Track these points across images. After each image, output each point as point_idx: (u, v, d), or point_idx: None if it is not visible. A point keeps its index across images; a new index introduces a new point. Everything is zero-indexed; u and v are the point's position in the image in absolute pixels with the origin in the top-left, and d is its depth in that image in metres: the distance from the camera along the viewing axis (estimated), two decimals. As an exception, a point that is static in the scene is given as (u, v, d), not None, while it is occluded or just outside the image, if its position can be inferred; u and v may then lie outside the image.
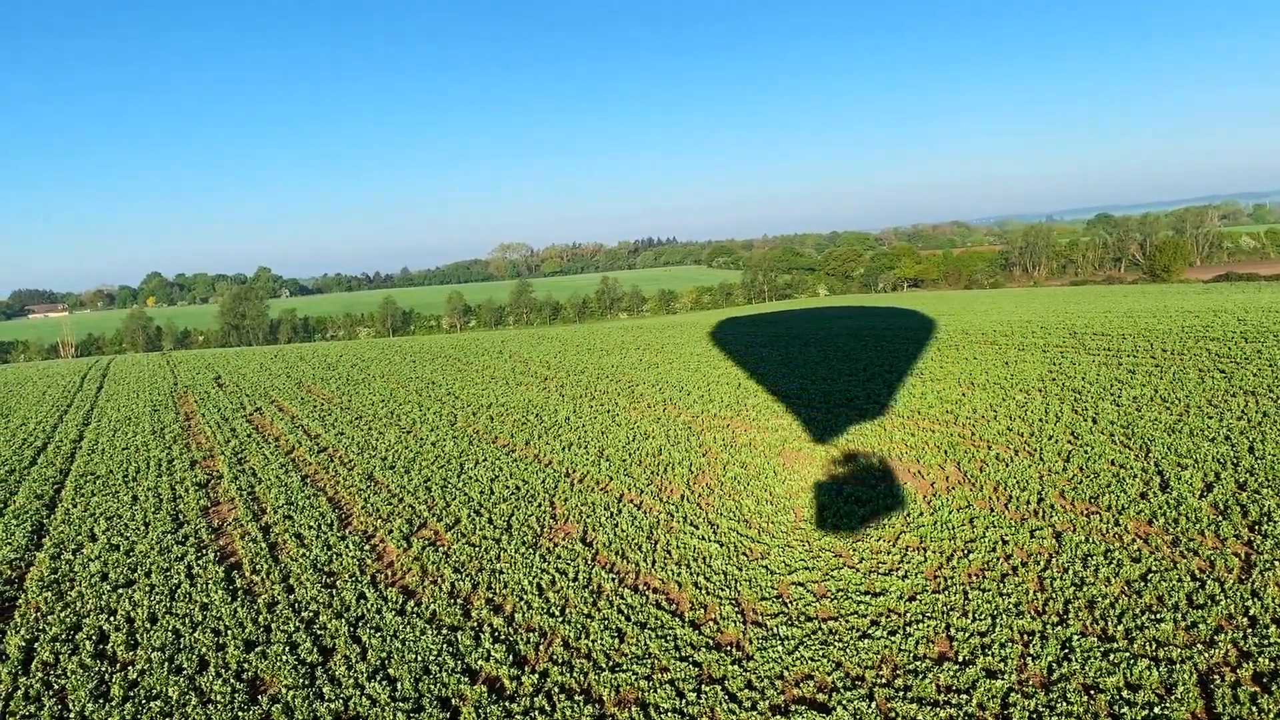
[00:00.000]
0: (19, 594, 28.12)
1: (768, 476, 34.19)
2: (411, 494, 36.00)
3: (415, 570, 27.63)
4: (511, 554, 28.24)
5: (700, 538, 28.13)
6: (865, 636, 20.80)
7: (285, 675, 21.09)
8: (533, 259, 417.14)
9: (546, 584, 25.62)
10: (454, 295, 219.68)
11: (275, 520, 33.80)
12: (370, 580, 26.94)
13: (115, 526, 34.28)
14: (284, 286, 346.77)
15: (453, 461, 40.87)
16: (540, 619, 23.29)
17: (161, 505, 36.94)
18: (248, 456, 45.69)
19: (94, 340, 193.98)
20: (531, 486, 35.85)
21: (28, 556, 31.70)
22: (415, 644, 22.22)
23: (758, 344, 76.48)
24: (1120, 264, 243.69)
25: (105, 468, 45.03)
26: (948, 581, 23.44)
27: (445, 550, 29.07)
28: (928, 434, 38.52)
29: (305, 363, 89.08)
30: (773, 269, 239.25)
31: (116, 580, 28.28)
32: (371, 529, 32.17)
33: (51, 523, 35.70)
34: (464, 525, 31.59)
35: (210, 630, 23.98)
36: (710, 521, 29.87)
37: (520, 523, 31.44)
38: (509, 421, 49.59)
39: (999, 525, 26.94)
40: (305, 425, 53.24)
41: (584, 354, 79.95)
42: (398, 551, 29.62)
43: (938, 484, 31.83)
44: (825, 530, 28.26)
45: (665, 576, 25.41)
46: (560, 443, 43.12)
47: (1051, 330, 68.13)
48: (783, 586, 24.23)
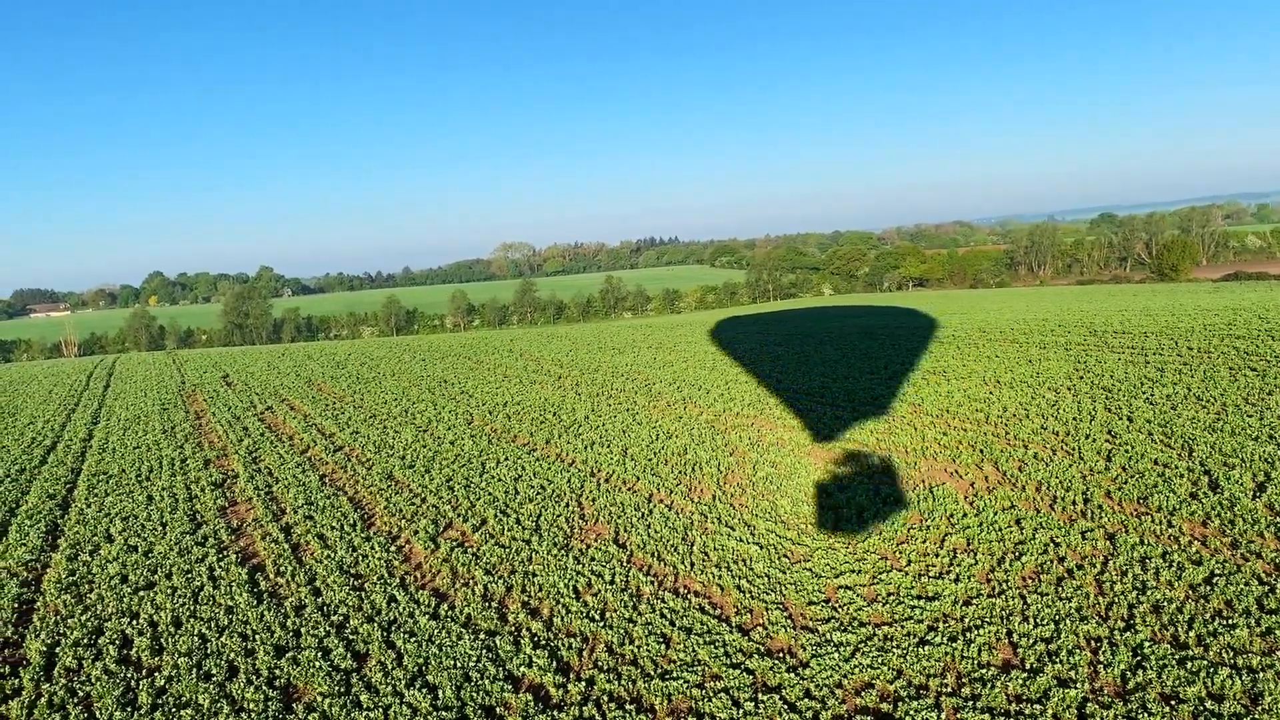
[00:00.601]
0: (37, 596, 27.30)
1: (800, 476, 33.37)
2: (434, 494, 35.18)
3: (445, 572, 26.82)
4: (544, 555, 27.42)
5: (738, 539, 27.31)
6: (924, 643, 19.98)
7: (319, 682, 20.28)
8: (535, 258, 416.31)
9: (583, 587, 24.81)
10: (458, 294, 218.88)
11: (296, 520, 32.98)
12: (399, 583, 26.12)
13: (131, 527, 33.46)
14: (286, 286, 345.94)
15: (473, 461, 40.04)
16: (580, 623, 22.47)
17: (178, 505, 36.12)
18: (262, 455, 44.86)
19: (97, 339, 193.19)
20: (557, 486, 35.03)
21: (43, 558, 30.88)
22: (452, 649, 21.39)
23: (772, 342, 75.66)
24: (1126, 263, 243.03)
25: (117, 467, 44.22)
26: (1002, 585, 22.62)
27: (475, 552, 28.25)
28: (960, 433, 37.69)
29: (314, 361, 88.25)
30: (777, 268, 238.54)
31: (137, 582, 27.46)
32: (396, 529, 31.35)
33: (66, 523, 34.88)
34: (491, 526, 30.77)
35: (237, 635, 23.16)
36: (746, 522, 29.05)
37: (549, 523, 30.62)
38: (527, 420, 48.77)
39: (1048, 526, 26.12)
40: (319, 424, 52.42)
41: (596, 352, 79.12)
42: (425, 553, 28.80)
43: (977, 484, 31.00)
44: (862, 531, 27.43)
45: (706, 579, 24.59)
46: (581, 441, 42.30)
47: (1070, 328, 67.31)
48: (829, 590, 23.41)
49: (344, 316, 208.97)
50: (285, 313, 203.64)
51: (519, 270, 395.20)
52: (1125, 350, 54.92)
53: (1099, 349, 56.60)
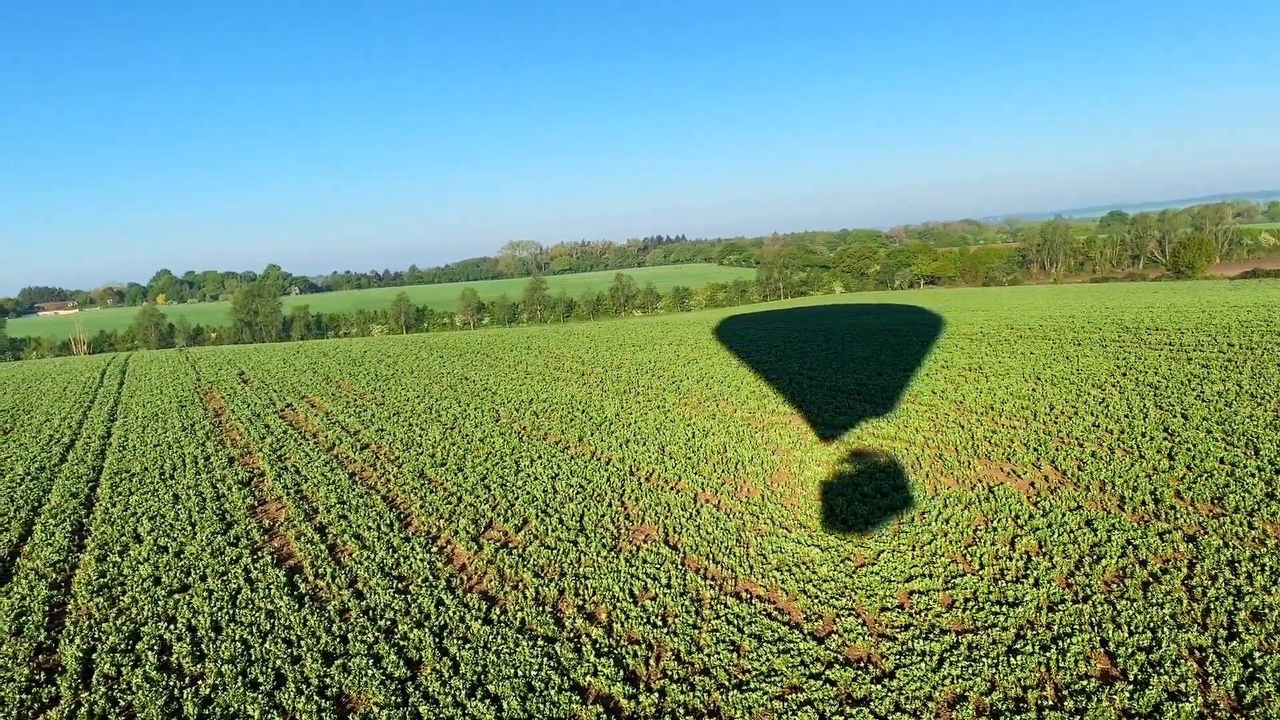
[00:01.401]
0: (67, 598, 26.32)
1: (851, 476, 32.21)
2: (469, 493, 34.15)
3: (492, 575, 25.76)
4: (593, 557, 26.36)
5: (795, 541, 26.21)
6: (1014, 652, 18.86)
7: (373, 691, 19.23)
8: (542, 256, 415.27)
9: (639, 590, 23.73)
10: (467, 292, 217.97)
11: (330, 520, 31.96)
12: (446, 585, 25.07)
13: (160, 527, 32.48)
14: (293, 284, 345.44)
15: (506, 459, 38.99)
16: (642, 629, 21.39)
17: (205, 504, 35.14)
18: (288, 453, 43.88)
19: (106, 337, 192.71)
20: (596, 485, 33.97)
21: (71, 558, 29.92)
22: (511, 657, 20.32)
23: (796, 339, 74.50)
24: (1139, 261, 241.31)
25: (139, 465, 43.28)
26: (1085, 590, 21.49)
27: (520, 553, 27.19)
28: (1010, 430, 36.53)
29: (329, 359, 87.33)
30: (788, 266, 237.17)
31: (170, 585, 26.45)
32: (435, 530, 30.31)
33: (92, 522, 33.93)
34: (534, 526, 29.72)
35: (281, 640, 22.12)
36: (800, 523, 27.95)
37: (594, 524, 29.56)
38: (555, 418, 47.71)
39: (1121, 528, 24.97)
40: (342, 421, 51.44)
41: (616, 350, 78.03)
42: (468, 554, 27.76)
43: (1038, 484, 29.85)
44: (926, 532, 26.31)
45: (769, 584, 23.49)
46: (615, 439, 41.23)
47: (1101, 325, 66.09)
48: (901, 595, 22.31)
49: (353, 314, 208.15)
50: (295, 311, 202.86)
51: (526, 269, 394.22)
52: (1163, 347, 53.68)
53: (1136, 346, 55.35)
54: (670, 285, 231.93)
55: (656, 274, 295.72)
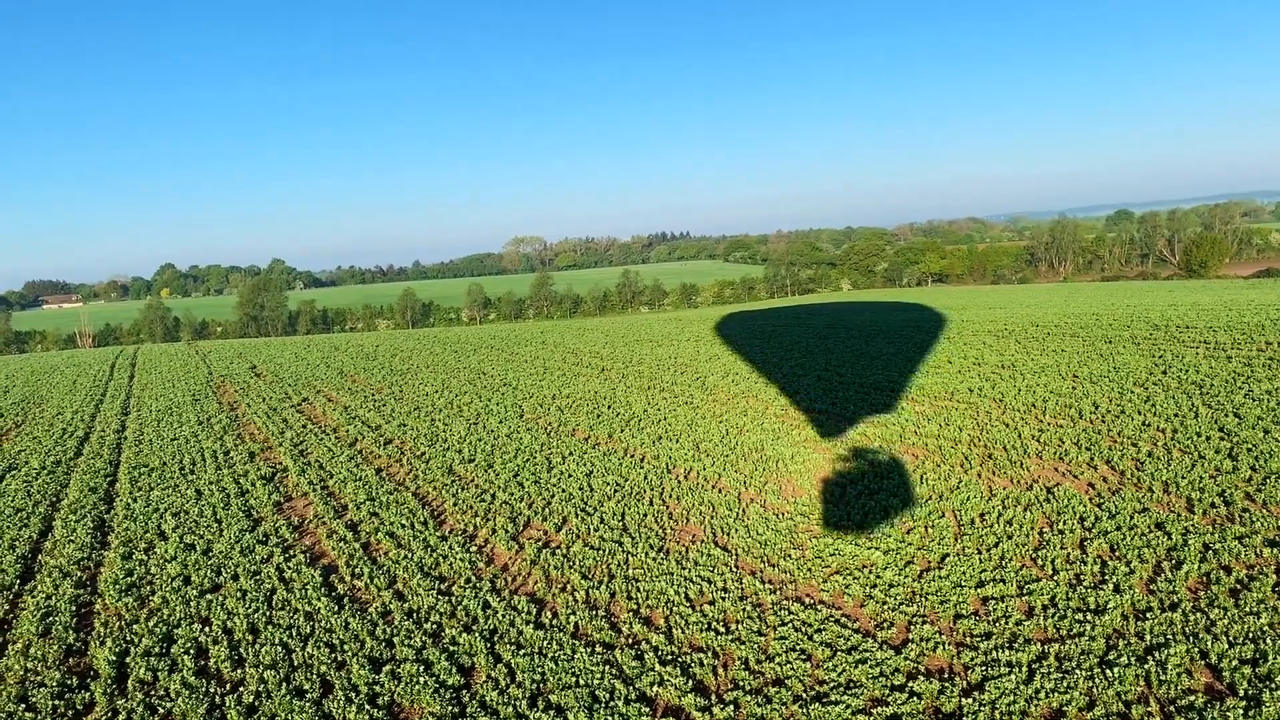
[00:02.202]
0: (94, 598, 25.29)
1: (903, 476, 31.13)
2: (503, 490, 33.10)
3: (537, 576, 24.70)
4: (641, 558, 25.30)
5: (853, 543, 25.13)
6: (1108, 663, 17.79)
7: (427, 700, 18.19)
8: (546, 252, 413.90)
9: (695, 594, 22.68)
10: (473, 287, 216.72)
11: (361, 518, 30.92)
12: (490, 587, 24.03)
13: (184, 523, 31.46)
14: (298, 278, 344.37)
15: (537, 456, 37.94)
16: (704, 636, 20.33)
17: (230, 500, 34.12)
18: (310, 448, 42.86)
19: (111, 330, 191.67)
20: (634, 483, 32.92)
21: (95, 556, 28.90)
22: (569, 664, 19.28)
23: (815, 336, 73.40)
24: (1148, 260, 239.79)
25: (157, 459, 42.28)
26: (1171, 597, 20.41)
27: (565, 553, 26.14)
28: (1057, 429, 35.43)
29: (342, 353, 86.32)
30: (795, 263, 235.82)
31: (201, 584, 25.42)
32: (470, 528, 29.27)
33: (113, 519, 32.91)
34: (574, 525, 28.67)
35: (324, 645, 21.08)
36: (856, 524, 26.86)
37: (636, 523, 28.51)
38: (581, 413, 46.65)
39: (1196, 532, 23.88)
40: (362, 416, 50.39)
41: (633, 345, 76.95)
42: (509, 554, 26.71)
43: (1097, 485, 28.76)
44: (989, 534, 25.24)
45: (831, 588, 22.42)
46: (646, 436, 40.17)
47: (1129, 323, 64.93)
48: (974, 601, 21.24)
49: (359, 309, 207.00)
50: (301, 305, 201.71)
51: (530, 264, 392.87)
52: (1199, 345, 52.52)
53: (1170, 344, 54.19)
54: (677, 282, 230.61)
55: (661, 271, 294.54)
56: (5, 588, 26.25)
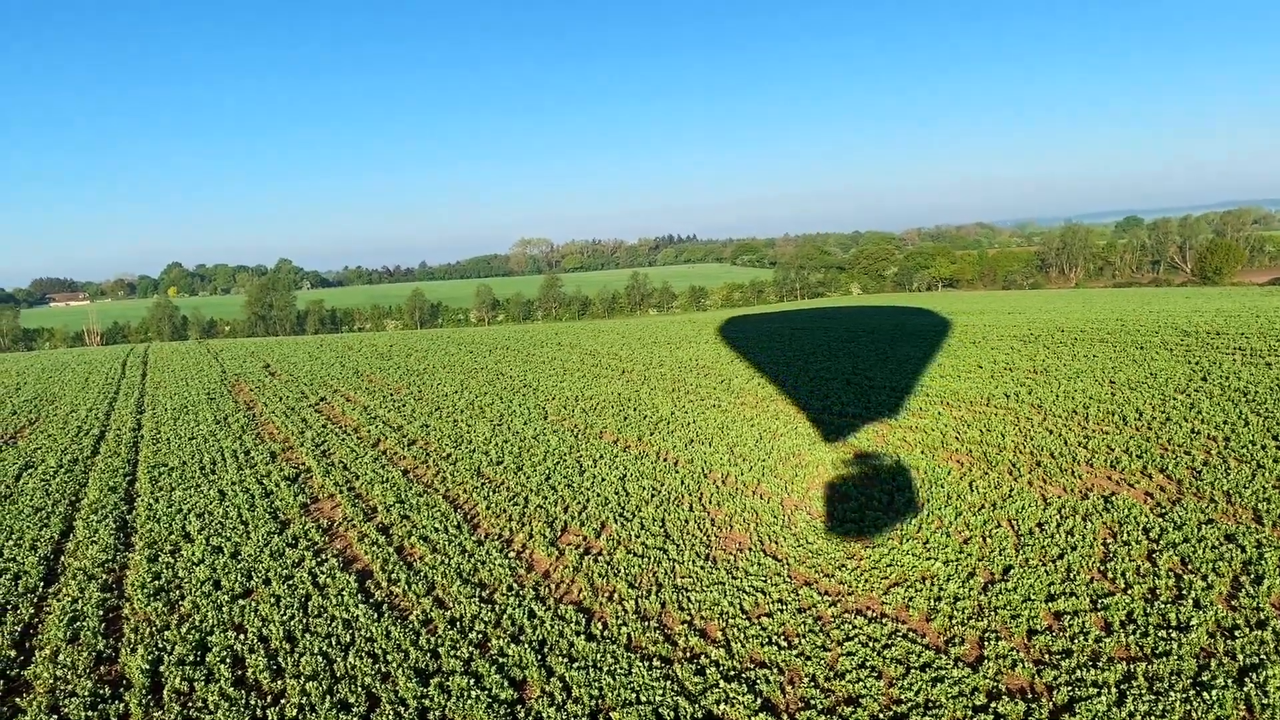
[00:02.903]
0: (122, 602, 24.42)
1: (952, 483, 30.16)
2: (535, 494, 32.18)
3: (581, 584, 23.78)
4: (688, 566, 24.37)
5: (912, 554, 24.16)
6: (1202, 685, 16.81)
7: (480, 715, 17.28)
8: (553, 254, 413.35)
9: (750, 606, 21.74)
10: (482, 289, 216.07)
11: (392, 521, 30.03)
12: (534, 594, 23.11)
13: (210, 525, 30.60)
14: (305, 278, 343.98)
15: (567, 458, 37.04)
16: (765, 651, 19.39)
17: (255, 501, 33.25)
18: (332, 448, 42.00)
19: (119, 329, 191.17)
20: (671, 488, 32.00)
21: (120, 558, 28.03)
22: (627, 679, 18.34)
23: (837, 339, 72.43)
24: (1158, 266, 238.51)
25: (177, 459, 41.45)
26: (1258, 614, 19.42)
27: (608, 560, 25.22)
28: (1103, 436, 34.44)
29: (355, 352, 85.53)
30: (804, 267, 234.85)
31: (232, 589, 24.53)
32: (506, 532, 28.35)
33: (136, 519, 32.06)
34: (614, 531, 27.75)
35: (366, 655, 20.17)
36: (909, 535, 25.91)
37: (678, 529, 27.59)
38: (606, 415, 45.73)
39: (1271, 544, 22.89)
40: (383, 416, 49.53)
41: (651, 347, 76.06)
42: (549, 560, 25.80)
43: (1154, 494, 27.77)
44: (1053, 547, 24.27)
45: (893, 601, 21.47)
46: (678, 439, 39.24)
47: (1157, 329, 63.86)
48: (1047, 616, 20.28)
49: (368, 309, 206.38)
50: (309, 305, 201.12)
51: (537, 266, 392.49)
52: (1234, 352, 51.48)
53: (1204, 350, 53.15)
54: (686, 284, 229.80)
55: (669, 273, 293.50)
56: (29, 590, 25.40)
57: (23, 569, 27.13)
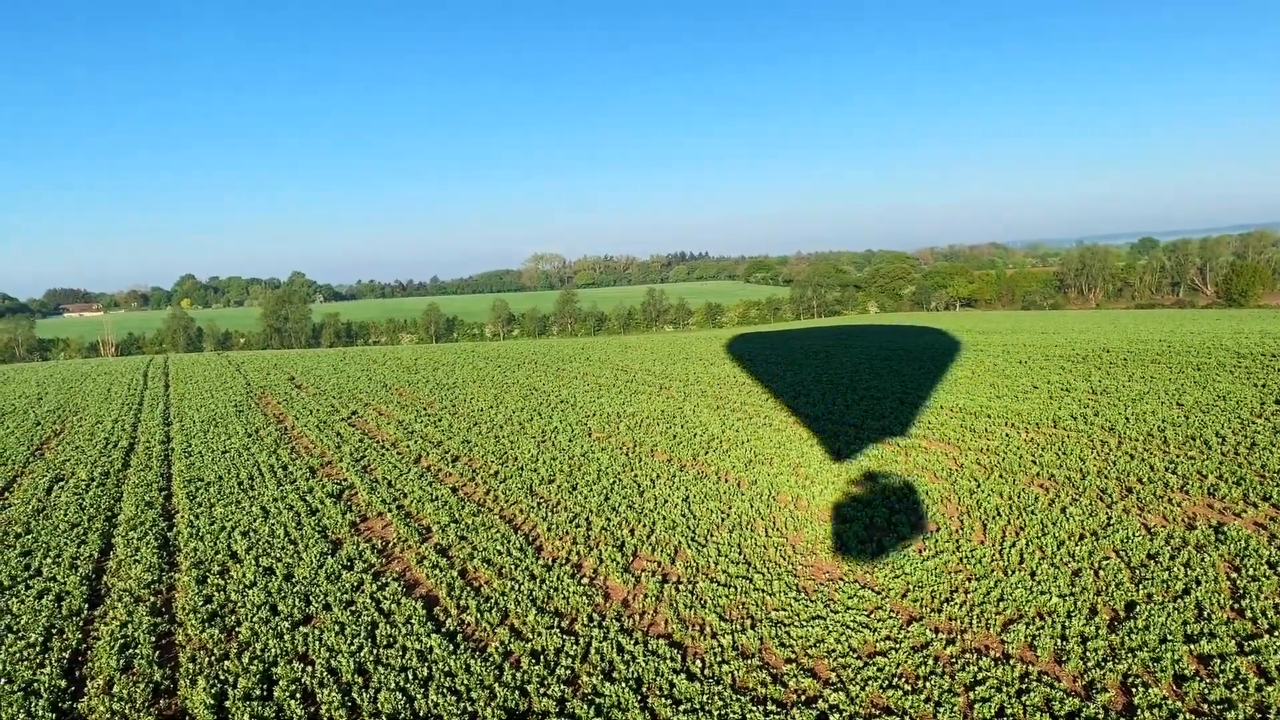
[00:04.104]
0: (174, 627, 22.88)
1: (1044, 510, 28.43)
2: (597, 515, 30.60)
3: (666, 614, 22.15)
4: (780, 598, 22.72)
5: (1021, 586, 22.47)
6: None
7: (586, 766, 15.61)
8: (565, 270, 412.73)
9: (859, 643, 20.05)
10: (498, 303, 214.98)
11: (450, 542, 28.47)
12: (619, 626, 21.47)
13: (257, 544, 29.08)
14: (318, 292, 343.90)
15: (622, 478, 35.46)
16: (889, 695, 17.70)
17: (301, 520, 31.74)
18: (372, 464, 40.52)
19: (134, 340, 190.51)
20: (740, 510, 30.37)
21: (166, 578, 26.52)
22: (743, 726, 16.68)
23: (878, 357, 70.76)
24: (1178, 288, 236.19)
25: (212, 473, 40.04)
26: None
27: (689, 589, 23.58)
28: (1189, 461, 32.68)
29: (380, 365, 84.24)
30: (821, 285, 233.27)
31: (291, 614, 22.97)
32: (574, 556, 26.75)
33: (178, 537, 30.57)
34: (689, 556, 26.12)
35: (447, 691, 18.55)
36: (1009, 566, 24.20)
37: (758, 556, 25.95)
38: (655, 433, 44.15)
39: None
40: (420, 431, 48.06)
41: (684, 363, 74.55)
42: (625, 588, 24.18)
43: (1268, 525, 26.02)
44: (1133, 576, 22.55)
45: (1015, 640, 19.76)
46: (735, 459, 37.63)
47: (1209, 350, 62.10)
48: (1191, 660, 18.55)
49: (383, 323, 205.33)
50: (325, 318, 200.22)
51: (549, 282, 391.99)
52: (1299, 374, 49.73)
53: (1265, 372, 51.39)
54: (701, 301, 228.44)
55: (682, 290, 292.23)
56: (74, 613, 23.89)
57: (65, 589, 25.67)
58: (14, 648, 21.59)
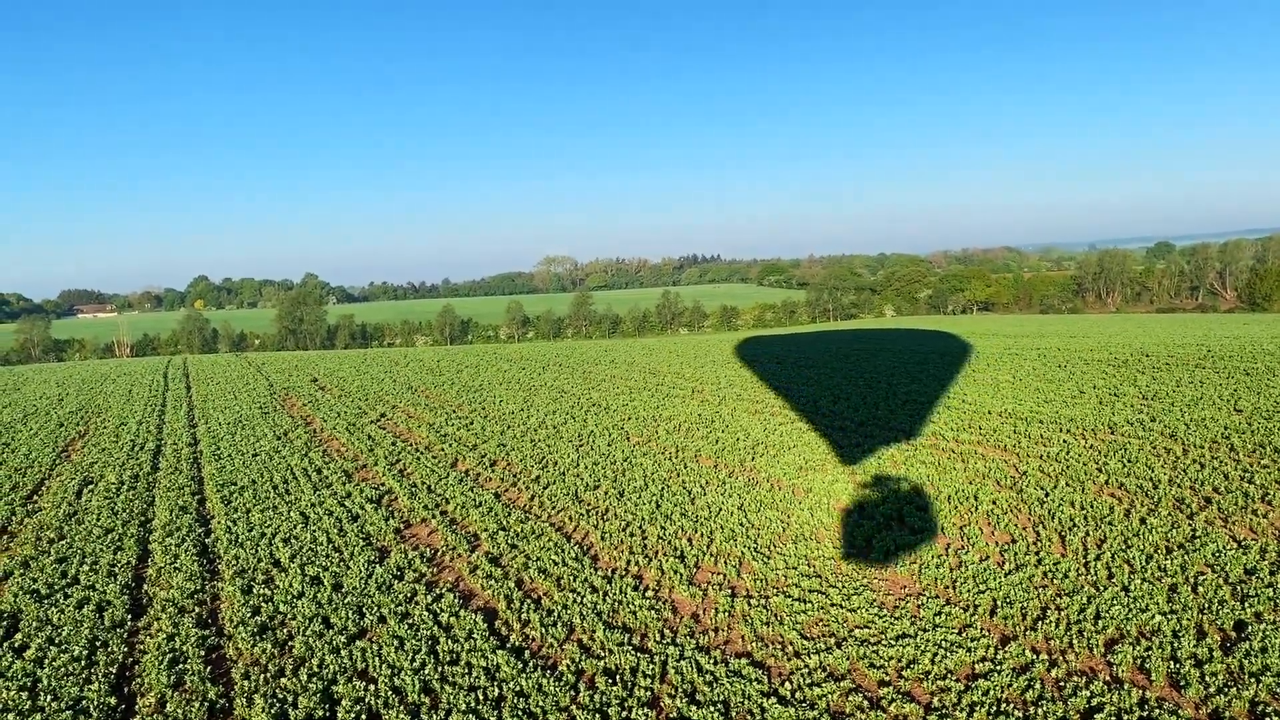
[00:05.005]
0: (223, 640, 21.84)
1: (1120, 521, 27.15)
2: (650, 523, 29.46)
3: (741, 630, 20.98)
4: (862, 614, 21.51)
5: (1117, 603, 21.20)
6: None
7: (685, 800, 14.45)
8: (577, 272, 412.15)
9: (955, 664, 18.83)
10: (513, 305, 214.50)
11: (501, 550, 27.37)
12: (695, 644, 20.30)
13: (300, 551, 28.06)
14: (331, 293, 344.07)
15: (670, 484, 34.31)
16: (997, 721, 16.47)
17: (343, 526, 30.71)
18: (408, 468, 39.51)
19: (149, 340, 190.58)
20: (801, 520, 29.19)
21: (209, 587, 25.50)
22: (848, 755, 15.49)
23: (908, 361, 69.44)
24: (1197, 293, 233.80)
25: (244, 477, 39.11)
26: None
27: (762, 604, 22.40)
28: (1265, 470, 31.32)
29: (403, 367, 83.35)
30: (837, 288, 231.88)
31: (345, 627, 21.91)
32: (634, 567, 25.61)
33: (217, 544, 29.59)
34: (755, 568, 24.95)
35: (523, 714, 17.43)
36: (1095, 583, 22.95)
37: (828, 568, 24.77)
38: (695, 438, 42.99)
39: None
40: (453, 434, 47.03)
41: (715, 367, 73.36)
42: (692, 602, 23.03)
43: (1366, 538, 24.67)
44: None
45: (1122, 663, 18.51)
46: (786, 466, 36.43)
47: (1251, 354, 60.60)
48: (1320, 685, 17.26)
49: (397, 324, 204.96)
50: (340, 319, 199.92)
51: (561, 284, 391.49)
52: (1356, 380, 48.23)
53: (1322, 378, 49.87)
54: (715, 304, 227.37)
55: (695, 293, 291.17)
56: (117, 624, 22.89)
57: (105, 599, 24.68)
58: (58, 661, 20.61)
